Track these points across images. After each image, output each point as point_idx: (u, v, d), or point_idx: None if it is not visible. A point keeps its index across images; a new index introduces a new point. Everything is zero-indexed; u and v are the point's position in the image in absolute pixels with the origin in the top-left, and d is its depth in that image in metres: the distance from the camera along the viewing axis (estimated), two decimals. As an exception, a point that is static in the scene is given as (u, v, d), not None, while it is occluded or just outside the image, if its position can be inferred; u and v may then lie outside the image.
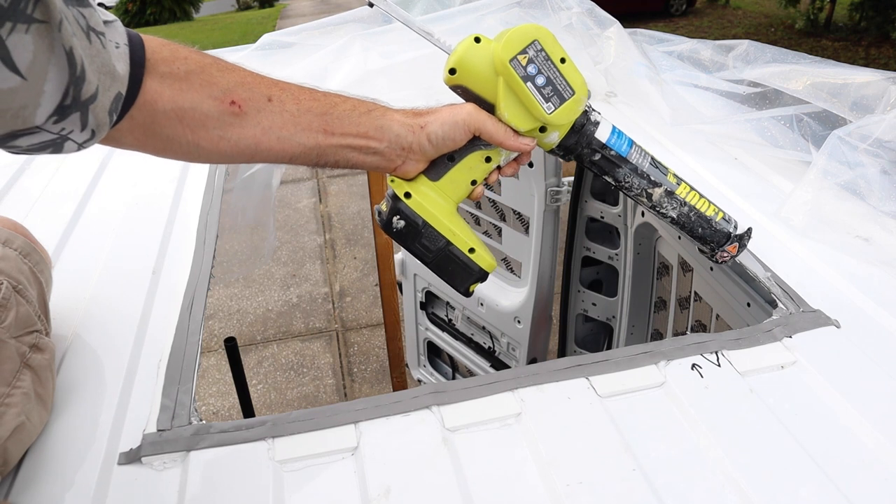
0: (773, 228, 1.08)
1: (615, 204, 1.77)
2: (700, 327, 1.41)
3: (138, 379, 0.82)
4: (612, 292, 1.92)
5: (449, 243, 0.77)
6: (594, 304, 2.01)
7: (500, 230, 2.07)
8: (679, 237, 1.39)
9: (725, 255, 0.86)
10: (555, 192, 1.83)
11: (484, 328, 2.25)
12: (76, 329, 0.91)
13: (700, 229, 0.83)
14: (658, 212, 0.83)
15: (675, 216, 0.83)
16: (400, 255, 2.42)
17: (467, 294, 0.82)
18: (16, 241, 0.83)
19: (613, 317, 1.95)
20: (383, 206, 0.78)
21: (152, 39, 0.63)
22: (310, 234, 4.43)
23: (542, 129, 0.76)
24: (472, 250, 0.78)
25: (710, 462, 0.70)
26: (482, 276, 0.80)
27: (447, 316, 2.43)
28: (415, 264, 2.39)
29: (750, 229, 0.87)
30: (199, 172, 1.31)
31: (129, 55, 0.60)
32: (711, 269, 1.25)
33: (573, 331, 2.10)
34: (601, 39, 1.56)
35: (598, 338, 2.10)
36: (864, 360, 0.83)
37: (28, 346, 0.74)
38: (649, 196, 0.81)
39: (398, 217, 0.76)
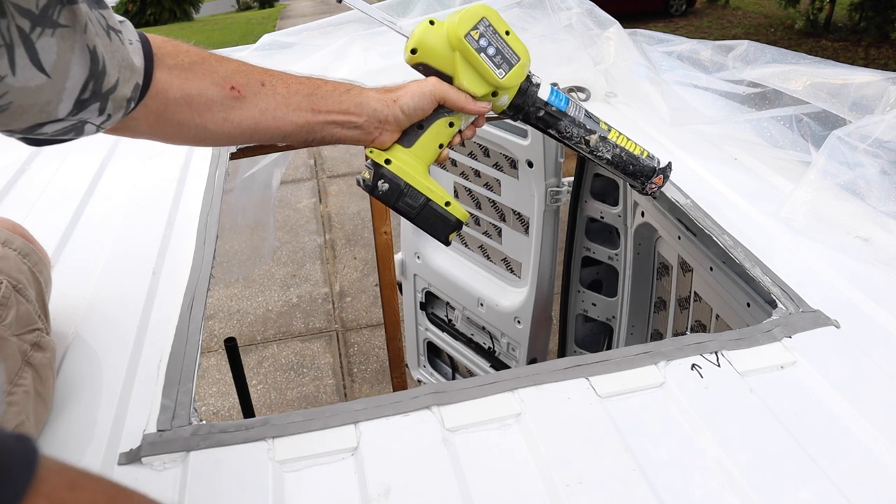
0: (773, 228, 1.08)
1: (615, 204, 1.77)
2: (700, 327, 1.41)
3: (138, 379, 0.82)
4: (612, 292, 1.92)
5: (428, 200, 0.88)
6: (594, 305, 2.01)
7: (500, 230, 2.07)
8: (679, 239, 1.39)
9: (653, 186, 0.98)
10: (555, 192, 1.83)
11: (484, 328, 2.25)
12: (76, 329, 0.91)
13: (631, 166, 0.96)
14: (596, 156, 0.95)
15: (609, 157, 0.95)
16: (400, 255, 2.42)
17: (447, 243, 0.92)
18: (15, 242, 0.83)
19: (613, 317, 1.95)
20: (366, 174, 0.88)
21: (155, 37, 0.71)
22: (310, 234, 4.44)
23: (495, 94, 0.87)
24: (447, 203, 0.89)
25: (710, 462, 0.70)
26: (458, 225, 0.91)
27: (447, 316, 2.43)
28: (415, 265, 2.39)
29: (670, 163, 0.99)
30: (199, 173, 1.31)
31: (142, 50, 0.66)
32: (711, 269, 1.25)
33: (573, 331, 2.10)
34: (601, 39, 1.56)
35: (598, 338, 2.10)
36: (863, 360, 0.83)
37: (29, 345, 0.74)
38: (587, 142, 0.93)
39: (382, 181, 0.86)
